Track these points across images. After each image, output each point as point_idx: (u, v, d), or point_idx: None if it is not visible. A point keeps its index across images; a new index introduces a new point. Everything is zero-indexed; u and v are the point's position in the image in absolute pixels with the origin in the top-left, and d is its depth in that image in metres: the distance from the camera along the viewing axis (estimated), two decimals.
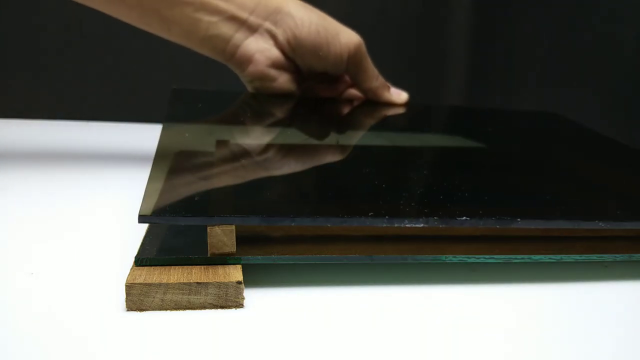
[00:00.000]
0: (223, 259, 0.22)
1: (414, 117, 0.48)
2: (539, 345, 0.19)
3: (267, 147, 0.43)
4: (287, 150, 0.41)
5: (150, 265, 0.21)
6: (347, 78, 0.48)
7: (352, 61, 0.45)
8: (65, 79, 0.77)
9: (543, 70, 0.66)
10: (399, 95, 0.49)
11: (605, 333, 0.20)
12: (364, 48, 0.45)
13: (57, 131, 0.66)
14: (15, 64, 0.75)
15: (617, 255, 0.25)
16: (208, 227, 0.21)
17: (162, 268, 0.21)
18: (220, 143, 0.42)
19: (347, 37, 0.44)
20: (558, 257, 0.24)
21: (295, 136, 0.43)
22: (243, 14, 0.43)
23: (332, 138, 0.41)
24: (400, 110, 0.48)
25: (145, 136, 0.67)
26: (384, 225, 0.23)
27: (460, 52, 0.84)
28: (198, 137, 0.42)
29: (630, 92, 0.52)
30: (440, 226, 0.24)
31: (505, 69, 0.74)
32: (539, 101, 0.67)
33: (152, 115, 0.79)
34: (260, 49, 0.44)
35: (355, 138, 0.43)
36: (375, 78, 0.47)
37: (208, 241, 0.21)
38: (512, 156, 0.41)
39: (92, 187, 0.37)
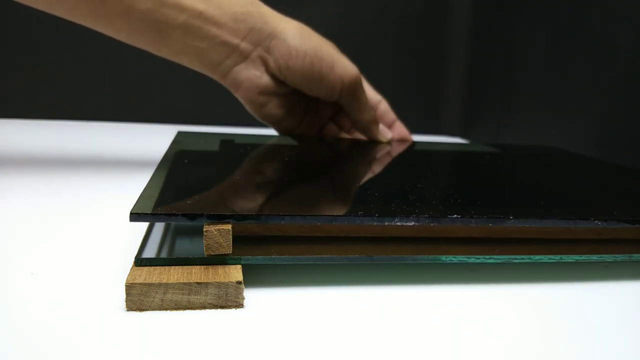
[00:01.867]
0: (223, 259, 0.22)
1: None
2: (538, 345, 0.19)
3: (268, 151, 0.43)
4: (286, 154, 0.41)
5: (150, 265, 0.21)
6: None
7: (345, 93, 0.44)
8: (65, 79, 0.77)
9: (543, 70, 0.66)
10: (385, 134, 0.48)
11: (605, 333, 0.20)
12: (360, 81, 0.44)
13: (57, 131, 0.66)
14: (16, 64, 0.76)
15: (617, 256, 0.25)
16: (204, 228, 0.21)
17: (162, 268, 0.21)
18: (224, 144, 0.42)
19: (342, 70, 0.43)
20: (558, 257, 0.24)
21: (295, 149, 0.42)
22: (235, 40, 0.41)
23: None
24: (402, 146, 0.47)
25: (146, 136, 0.67)
26: (374, 223, 0.23)
27: (461, 52, 0.84)
28: (209, 144, 0.42)
29: (631, 98, 0.52)
30: (432, 224, 0.24)
31: (505, 69, 0.74)
32: (539, 101, 0.67)
33: (153, 115, 0.79)
34: (250, 77, 0.42)
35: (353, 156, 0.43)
36: (367, 111, 0.46)
37: (204, 242, 0.21)
38: (513, 168, 0.41)
39: (92, 187, 0.37)
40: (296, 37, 0.42)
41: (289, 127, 0.46)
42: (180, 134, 0.45)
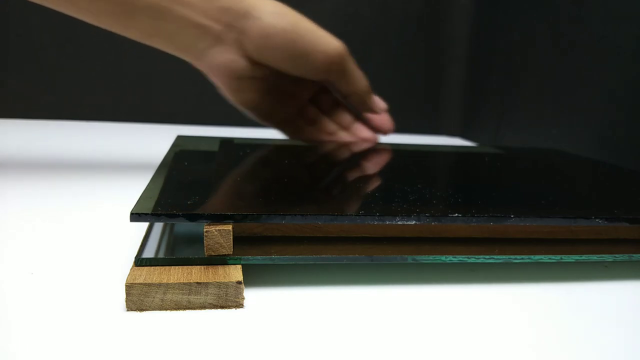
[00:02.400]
0: (223, 259, 0.22)
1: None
2: (538, 346, 0.19)
3: (267, 150, 0.43)
4: (286, 156, 0.41)
5: (150, 265, 0.21)
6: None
7: (335, 68, 0.42)
8: (65, 79, 0.77)
9: (543, 71, 0.66)
10: (378, 104, 0.46)
11: (605, 333, 0.20)
12: (346, 53, 0.42)
13: (58, 131, 0.66)
14: (16, 64, 0.76)
15: (617, 255, 0.25)
16: (205, 228, 0.21)
17: (162, 268, 0.21)
18: (224, 145, 0.42)
19: (325, 44, 0.40)
20: (558, 257, 0.24)
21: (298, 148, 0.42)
22: (206, 22, 0.39)
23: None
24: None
25: (146, 136, 0.67)
26: (376, 222, 0.23)
27: (461, 52, 0.84)
28: (210, 145, 0.42)
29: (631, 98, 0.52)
30: (433, 223, 0.24)
31: (505, 69, 0.74)
32: (539, 101, 0.67)
33: (153, 115, 0.79)
34: (225, 62, 0.40)
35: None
36: (360, 82, 0.44)
37: (204, 243, 0.21)
38: (514, 167, 0.41)
39: (92, 187, 0.37)
40: (272, 14, 0.40)
41: (267, 112, 0.44)
42: (179, 138, 0.45)
